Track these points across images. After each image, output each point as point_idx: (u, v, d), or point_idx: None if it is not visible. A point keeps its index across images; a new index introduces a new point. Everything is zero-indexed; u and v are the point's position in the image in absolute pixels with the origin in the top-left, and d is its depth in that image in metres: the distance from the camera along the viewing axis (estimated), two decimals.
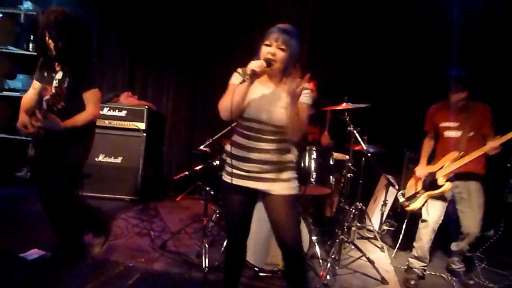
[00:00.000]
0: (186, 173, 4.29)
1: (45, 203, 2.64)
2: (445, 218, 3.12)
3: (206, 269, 2.86)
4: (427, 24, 4.36)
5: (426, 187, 3.12)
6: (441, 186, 3.00)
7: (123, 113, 4.54)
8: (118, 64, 5.07)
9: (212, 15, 4.83)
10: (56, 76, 2.56)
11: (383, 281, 3.05)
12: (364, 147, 3.60)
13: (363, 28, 4.52)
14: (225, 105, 1.94)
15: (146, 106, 4.61)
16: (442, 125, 3.13)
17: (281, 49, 1.95)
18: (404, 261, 3.39)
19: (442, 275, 3.28)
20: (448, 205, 3.10)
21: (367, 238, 4.01)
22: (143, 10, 4.90)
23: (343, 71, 4.67)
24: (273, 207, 2.07)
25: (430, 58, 4.35)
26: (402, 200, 3.30)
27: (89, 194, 4.29)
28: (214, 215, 3.65)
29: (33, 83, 2.70)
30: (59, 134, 2.46)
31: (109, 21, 5.00)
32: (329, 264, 3.02)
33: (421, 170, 3.21)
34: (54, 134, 2.48)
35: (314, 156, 3.11)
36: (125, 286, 2.62)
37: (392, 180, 3.87)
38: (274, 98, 2.01)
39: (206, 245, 3.03)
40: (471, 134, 2.98)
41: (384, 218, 4.03)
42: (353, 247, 3.43)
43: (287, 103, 1.92)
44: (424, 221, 3.13)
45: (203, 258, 2.93)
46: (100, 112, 3.26)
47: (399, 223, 3.91)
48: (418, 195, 3.16)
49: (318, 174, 3.06)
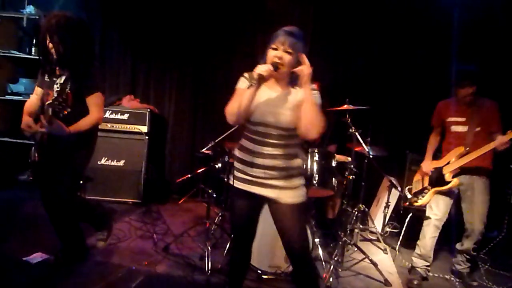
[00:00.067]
0: (189, 176, 4.29)
1: (48, 207, 2.64)
2: (448, 220, 3.12)
3: (209, 271, 2.86)
4: (428, 27, 4.36)
5: (433, 183, 3.12)
6: (448, 182, 3.00)
7: (126, 116, 4.54)
8: (120, 67, 5.08)
9: (213, 18, 4.84)
10: (57, 80, 2.55)
11: (387, 283, 3.05)
12: (366, 149, 3.60)
13: (364, 31, 4.53)
14: (233, 110, 1.93)
15: (148, 109, 4.61)
16: (449, 119, 3.13)
17: (288, 53, 1.91)
18: (407, 263, 3.38)
19: (446, 277, 3.27)
20: (451, 206, 3.10)
21: (370, 240, 4.00)
22: (145, 14, 4.91)
23: (345, 73, 4.68)
24: (280, 215, 2.05)
25: (432, 59, 4.36)
26: (410, 197, 3.30)
27: (91, 197, 4.26)
28: (217, 218, 3.66)
29: (36, 89, 2.71)
30: (63, 139, 2.46)
31: (112, 24, 5.02)
32: (332, 266, 3.02)
33: (427, 164, 3.21)
34: (58, 139, 2.48)
35: (316, 158, 3.12)
36: None
37: (394, 182, 3.87)
38: (281, 101, 1.99)
39: (209, 248, 3.03)
40: (477, 129, 2.98)
41: (386, 220, 4.02)
42: (356, 249, 3.44)
43: (303, 95, 1.90)
44: (428, 218, 3.13)
45: (206, 260, 2.94)
46: None
47: (402, 224, 3.90)
48: (426, 191, 3.16)
49: (320, 176, 3.07)
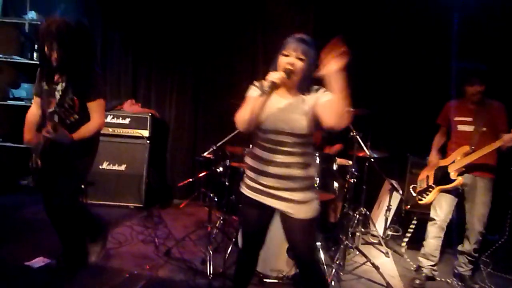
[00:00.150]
0: (190, 180, 4.29)
1: (50, 212, 2.63)
2: (451, 222, 3.13)
3: (211, 275, 2.86)
4: (429, 30, 4.37)
5: (438, 182, 3.13)
6: (453, 180, 3.01)
7: (127, 120, 4.56)
8: (121, 72, 5.10)
9: (214, 22, 4.86)
10: (58, 87, 2.51)
11: (388, 286, 3.03)
12: (367, 152, 3.60)
13: (365, 35, 4.53)
14: (244, 118, 1.90)
15: (150, 114, 4.63)
16: (456, 119, 3.15)
17: (300, 59, 1.90)
18: (410, 266, 3.38)
19: (448, 280, 3.27)
20: (454, 208, 3.11)
21: (372, 244, 3.99)
22: (146, 18, 4.93)
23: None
24: (291, 228, 2.03)
25: (433, 62, 4.36)
26: (414, 195, 3.31)
27: (93, 201, 4.28)
28: (218, 222, 3.65)
29: (34, 99, 2.68)
30: (65, 145, 2.44)
31: (112, 29, 5.04)
32: (333, 270, 3.02)
33: (433, 158, 3.25)
34: (60, 145, 2.45)
35: (317, 162, 3.12)
36: None
37: (395, 185, 3.87)
38: (292, 107, 1.95)
39: (211, 252, 3.03)
40: (484, 130, 2.98)
41: (388, 223, 4.02)
42: (358, 252, 3.43)
43: (330, 82, 1.80)
44: (432, 219, 3.15)
45: (208, 264, 2.94)
46: None
47: (403, 227, 3.90)
48: (431, 189, 3.17)
49: (321, 179, 3.06)
